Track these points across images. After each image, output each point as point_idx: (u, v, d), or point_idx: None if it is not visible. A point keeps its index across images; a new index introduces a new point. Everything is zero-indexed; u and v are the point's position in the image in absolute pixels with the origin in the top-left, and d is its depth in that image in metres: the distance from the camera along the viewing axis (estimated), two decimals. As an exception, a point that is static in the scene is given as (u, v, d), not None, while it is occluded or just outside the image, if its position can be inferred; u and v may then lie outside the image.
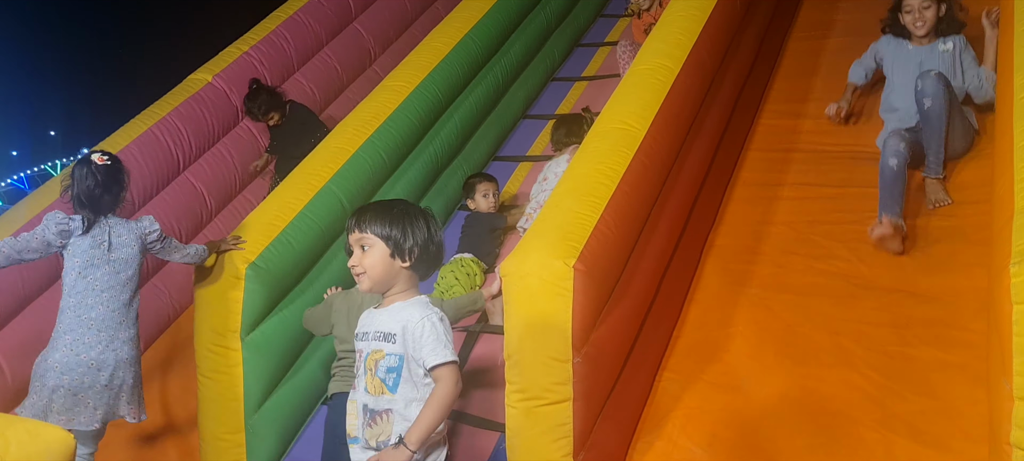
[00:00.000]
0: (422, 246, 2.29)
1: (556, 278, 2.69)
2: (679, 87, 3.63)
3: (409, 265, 2.29)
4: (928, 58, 3.91)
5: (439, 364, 2.23)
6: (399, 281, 2.31)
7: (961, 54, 3.89)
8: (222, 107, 4.88)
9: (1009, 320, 2.22)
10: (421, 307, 2.28)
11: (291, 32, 5.32)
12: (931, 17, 3.94)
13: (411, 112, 4.32)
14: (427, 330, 2.23)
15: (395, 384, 2.26)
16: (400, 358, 2.26)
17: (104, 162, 3.05)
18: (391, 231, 2.26)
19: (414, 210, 2.35)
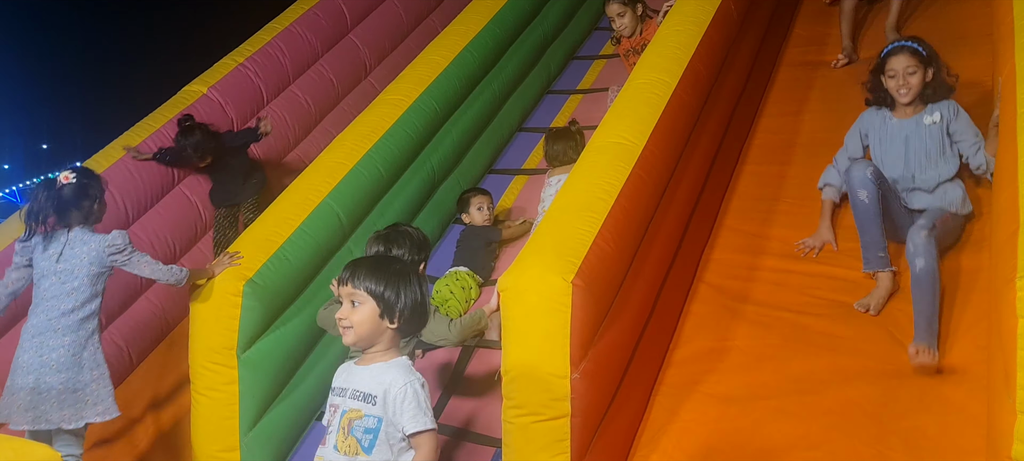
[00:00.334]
0: (412, 309, 2.28)
1: (554, 294, 2.68)
2: (676, 102, 3.64)
3: (396, 327, 2.28)
4: (914, 133, 3.50)
5: (420, 431, 2.22)
6: (383, 340, 2.30)
7: (950, 124, 3.48)
8: (217, 119, 4.84)
9: (1013, 334, 2.21)
10: (404, 372, 2.27)
11: (286, 44, 5.30)
12: (916, 83, 3.49)
13: (409, 126, 4.31)
14: (409, 396, 2.22)
15: (371, 446, 2.24)
16: (379, 420, 2.25)
17: (69, 180, 3.20)
18: (384, 291, 2.25)
19: (407, 270, 2.34)
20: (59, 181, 3.21)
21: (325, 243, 3.73)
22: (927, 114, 3.51)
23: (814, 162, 4.23)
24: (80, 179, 3.23)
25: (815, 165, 4.20)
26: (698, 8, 4.24)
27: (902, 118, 3.55)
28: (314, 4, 5.55)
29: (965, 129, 3.46)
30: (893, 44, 3.58)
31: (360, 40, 5.76)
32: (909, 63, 3.48)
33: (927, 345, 2.93)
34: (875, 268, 3.29)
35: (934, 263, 3.06)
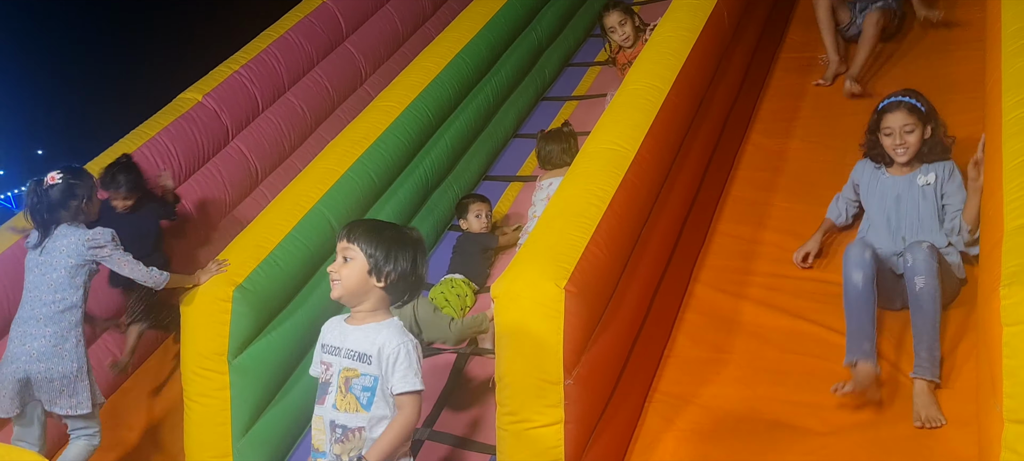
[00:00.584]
0: (401, 274, 2.34)
1: (547, 300, 2.68)
2: (669, 107, 3.65)
3: (383, 286, 2.34)
4: (906, 192, 3.31)
5: (406, 392, 2.31)
6: (370, 299, 2.36)
7: (944, 185, 3.28)
8: (212, 127, 4.85)
9: (999, 342, 2.22)
10: (397, 333, 2.35)
11: (282, 51, 5.31)
12: (914, 142, 3.30)
13: (401, 132, 4.32)
14: (402, 356, 2.31)
15: (369, 402, 2.34)
16: (375, 379, 2.33)
17: (55, 181, 3.30)
18: (375, 251, 2.33)
19: (406, 239, 2.40)
20: (46, 182, 3.31)
21: (316, 249, 3.73)
22: (921, 174, 3.31)
23: (808, 168, 4.26)
24: (67, 179, 3.32)
25: (809, 171, 4.23)
26: (691, 15, 4.27)
27: (895, 175, 3.38)
28: (310, 12, 5.56)
29: (955, 192, 3.25)
30: (889, 99, 3.38)
31: (356, 48, 5.77)
32: (907, 120, 3.28)
33: (929, 376, 2.79)
34: (857, 358, 2.89)
35: (935, 282, 2.88)
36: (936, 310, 2.86)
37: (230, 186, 4.90)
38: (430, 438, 3.37)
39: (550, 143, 4.34)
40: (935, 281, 2.88)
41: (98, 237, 3.27)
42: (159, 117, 4.75)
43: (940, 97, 4.40)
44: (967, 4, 5.00)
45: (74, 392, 3.23)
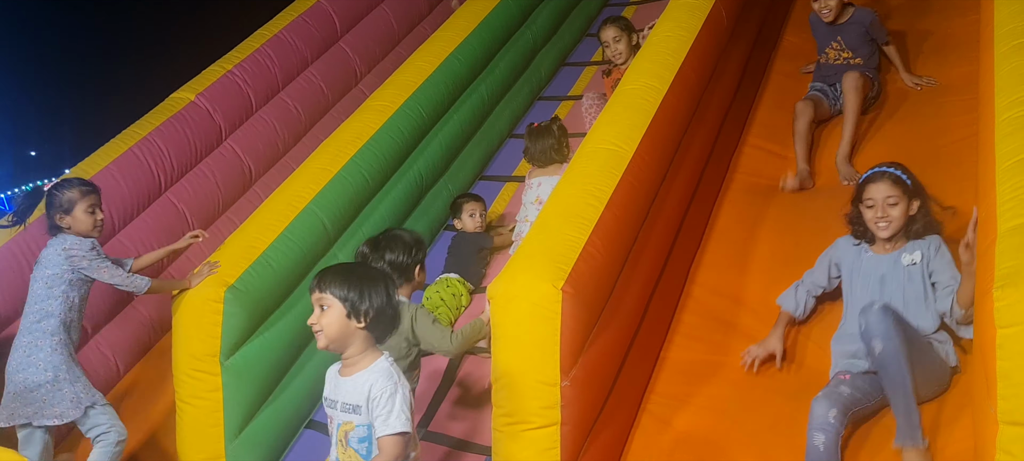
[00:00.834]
0: (379, 310, 2.35)
1: (544, 301, 2.68)
2: (667, 108, 3.64)
3: (364, 326, 2.35)
4: (891, 273, 3.02)
5: (387, 434, 2.29)
6: (355, 342, 2.36)
7: (930, 262, 2.98)
8: (205, 127, 4.83)
9: (993, 344, 2.22)
10: (384, 376, 2.33)
11: (276, 51, 5.28)
12: (898, 216, 3.01)
13: (394, 132, 4.30)
14: (385, 399, 2.29)
15: (368, 452, 2.35)
16: (368, 427, 2.35)
17: (48, 190, 3.39)
18: (348, 293, 2.34)
19: (375, 274, 2.44)
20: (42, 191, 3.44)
21: (309, 249, 3.72)
22: (906, 252, 3.02)
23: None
24: (50, 190, 3.39)
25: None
26: (689, 14, 4.26)
27: (879, 253, 3.08)
28: (304, 11, 5.54)
29: (943, 268, 2.96)
30: (872, 170, 3.14)
31: (350, 47, 5.75)
32: (890, 193, 3.02)
33: (911, 443, 2.60)
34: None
35: (896, 345, 2.66)
36: (902, 371, 2.65)
37: (223, 186, 4.87)
38: (425, 438, 3.36)
39: (538, 139, 4.28)
40: (896, 345, 2.67)
41: (75, 246, 3.28)
42: (151, 117, 4.72)
43: (935, 100, 4.44)
44: (961, 7, 5.01)
45: (54, 402, 3.21)
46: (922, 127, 4.28)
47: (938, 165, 3.99)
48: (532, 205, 4.10)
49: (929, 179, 3.89)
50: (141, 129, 4.62)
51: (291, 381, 3.58)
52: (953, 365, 2.92)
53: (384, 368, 2.34)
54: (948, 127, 4.21)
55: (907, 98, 4.58)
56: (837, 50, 4.59)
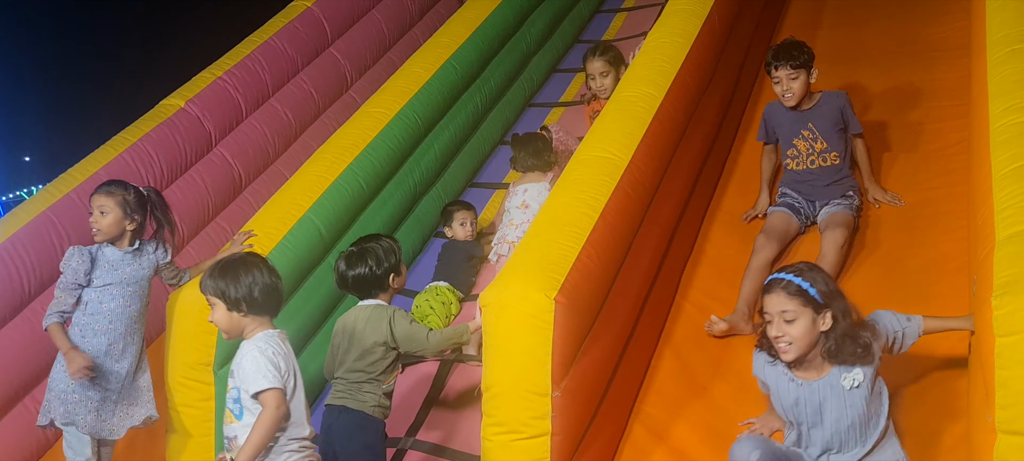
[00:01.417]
0: (248, 291, 2.56)
1: (537, 310, 2.66)
2: (663, 116, 3.62)
3: (245, 313, 2.58)
4: (829, 398, 2.51)
5: (260, 390, 2.50)
6: (247, 327, 2.61)
7: (875, 381, 2.54)
8: (195, 133, 4.80)
9: (991, 353, 2.21)
10: (251, 342, 2.57)
11: (266, 57, 5.26)
12: (800, 333, 2.48)
13: (391, 139, 4.28)
14: (249, 360, 2.52)
15: (240, 413, 2.57)
16: (238, 389, 2.57)
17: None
18: (218, 284, 2.58)
19: (244, 259, 2.65)
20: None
21: (305, 257, 3.69)
22: (845, 372, 2.51)
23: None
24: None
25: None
26: (684, 22, 4.24)
27: (806, 379, 2.55)
28: (294, 17, 5.52)
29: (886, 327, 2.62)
30: (770, 278, 2.60)
31: (341, 53, 5.73)
32: (785, 306, 2.49)
33: None
34: None
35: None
36: None
37: (213, 193, 4.85)
38: (413, 447, 3.34)
39: (523, 147, 4.29)
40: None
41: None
42: (141, 123, 4.69)
43: (925, 104, 4.44)
44: (952, 13, 5.02)
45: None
46: (910, 135, 4.27)
47: (928, 170, 4.00)
48: (517, 210, 4.09)
49: (919, 185, 3.92)
50: (131, 135, 4.59)
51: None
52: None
53: (260, 336, 2.56)
54: (938, 132, 4.22)
55: (895, 101, 4.56)
56: (809, 141, 3.76)
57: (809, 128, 3.77)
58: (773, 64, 3.77)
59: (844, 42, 5.26)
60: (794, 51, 3.73)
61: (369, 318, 3.00)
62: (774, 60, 3.77)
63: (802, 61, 3.71)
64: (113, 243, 3.29)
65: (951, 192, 3.76)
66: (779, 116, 3.85)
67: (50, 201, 4.12)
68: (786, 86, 3.73)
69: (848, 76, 4.88)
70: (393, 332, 2.96)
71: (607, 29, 6.40)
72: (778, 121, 3.86)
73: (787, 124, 3.81)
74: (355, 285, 3.07)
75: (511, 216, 4.10)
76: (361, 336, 2.98)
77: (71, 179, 4.29)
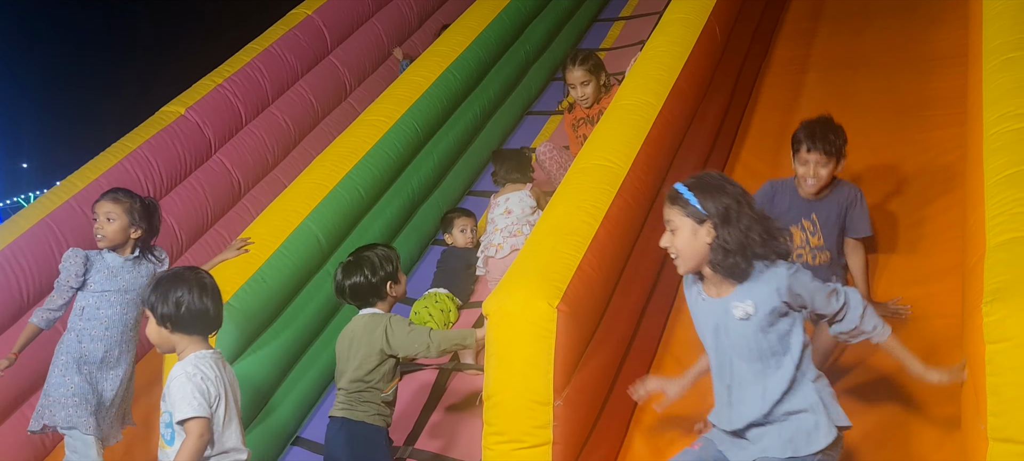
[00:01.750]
0: (174, 309, 2.46)
1: (539, 319, 2.66)
2: (662, 123, 3.62)
3: (171, 330, 2.48)
4: (723, 323, 2.36)
5: (185, 418, 2.41)
6: (177, 343, 2.51)
7: (777, 316, 2.30)
8: (195, 140, 4.82)
9: (982, 360, 2.22)
10: (181, 366, 2.47)
11: (266, 64, 5.28)
12: (684, 247, 2.34)
13: (390, 147, 4.29)
14: (175, 387, 2.43)
15: (171, 438, 2.49)
16: (169, 414, 2.48)
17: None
18: (150, 298, 2.49)
19: (179, 276, 2.53)
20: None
21: (304, 265, 3.70)
22: (736, 299, 2.32)
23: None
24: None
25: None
26: (683, 30, 4.25)
27: (711, 296, 2.39)
28: (294, 25, 5.54)
29: (817, 301, 2.35)
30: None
31: (340, 61, 5.75)
32: (669, 216, 2.37)
33: None
34: None
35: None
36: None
37: (212, 200, 4.87)
38: (412, 456, 3.34)
39: (503, 162, 4.33)
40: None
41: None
42: (141, 130, 4.71)
43: (923, 112, 4.45)
44: (950, 21, 5.04)
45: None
46: (907, 144, 4.29)
47: (926, 179, 4.01)
48: (501, 217, 4.12)
49: (916, 193, 3.93)
50: (131, 142, 4.61)
51: (283, 399, 3.55)
52: (823, 447, 2.30)
53: (191, 359, 2.47)
54: (936, 141, 4.23)
55: (892, 109, 4.58)
56: (807, 233, 3.33)
57: (812, 219, 3.32)
58: (806, 145, 3.23)
59: (841, 50, 5.28)
60: (831, 135, 3.23)
61: (366, 326, 3.01)
62: (808, 140, 3.23)
63: (838, 147, 3.24)
64: (115, 250, 3.32)
65: (949, 200, 3.77)
66: (782, 196, 3.35)
67: (49, 208, 4.15)
68: (814, 172, 3.23)
69: (845, 84, 4.90)
70: (388, 339, 2.95)
71: (605, 37, 6.42)
72: (779, 201, 3.33)
73: (791, 209, 3.31)
74: (352, 294, 3.07)
75: (495, 223, 4.13)
76: (358, 345, 2.99)
77: (71, 186, 4.31)
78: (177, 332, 2.48)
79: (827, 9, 5.87)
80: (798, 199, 3.32)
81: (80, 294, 3.31)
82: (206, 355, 2.50)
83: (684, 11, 4.42)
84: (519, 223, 4.05)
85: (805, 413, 2.31)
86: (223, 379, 2.51)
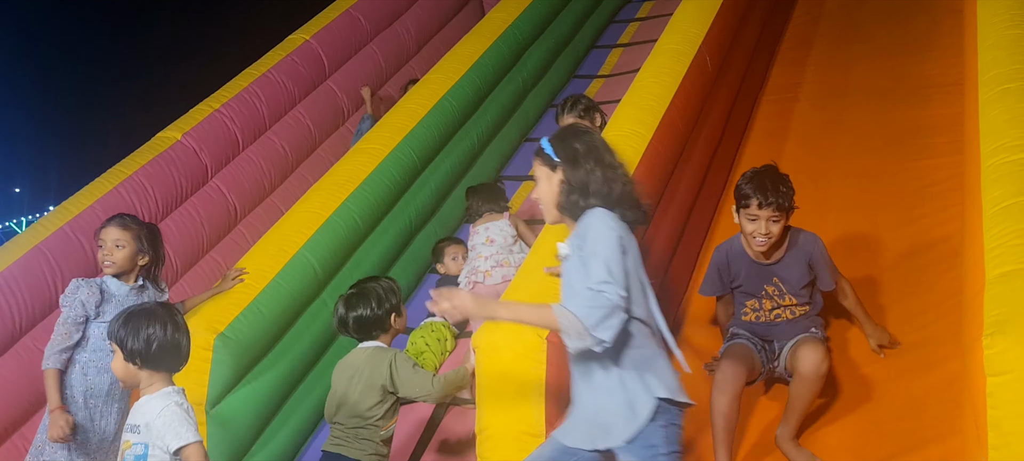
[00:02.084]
0: (145, 345, 2.41)
1: (529, 350, 2.65)
2: (652, 153, 3.64)
3: (140, 366, 2.44)
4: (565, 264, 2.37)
5: (183, 446, 2.38)
6: (143, 379, 2.46)
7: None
8: (191, 166, 4.80)
9: (983, 393, 2.20)
10: (161, 397, 2.44)
11: (264, 90, 5.27)
12: (541, 194, 2.44)
13: (387, 176, 4.29)
14: (167, 417, 2.39)
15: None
16: (145, 446, 2.43)
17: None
18: (119, 333, 2.44)
19: (150, 311, 2.48)
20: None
21: (300, 295, 3.68)
22: (564, 244, 2.38)
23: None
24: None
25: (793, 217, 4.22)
26: (673, 60, 4.28)
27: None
28: (292, 50, 5.55)
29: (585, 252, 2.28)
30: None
31: (338, 86, 5.75)
32: (531, 171, 2.47)
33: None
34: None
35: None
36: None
37: (208, 226, 4.83)
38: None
39: (475, 195, 4.33)
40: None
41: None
42: (137, 156, 4.69)
43: (916, 141, 4.46)
44: (945, 50, 5.07)
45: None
46: (904, 172, 4.29)
47: (923, 207, 4.01)
48: (483, 245, 4.12)
49: (913, 222, 3.93)
50: (127, 168, 4.59)
51: (278, 430, 3.52)
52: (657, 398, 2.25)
53: (166, 391, 2.44)
54: (931, 169, 4.24)
55: (886, 137, 4.59)
56: (774, 299, 3.11)
57: (775, 283, 3.09)
58: (757, 199, 2.96)
59: (836, 78, 5.30)
60: (782, 186, 2.98)
61: (369, 360, 2.96)
62: (758, 194, 2.96)
63: (789, 199, 2.98)
64: (119, 278, 3.25)
65: (946, 230, 3.77)
66: (737, 266, 3.11)
67: (43, 235, 4.11)
68: (765, 229, 2.97)
69: (841, 111, 4.92)
70: (394, 377, 2.91)
71: (602, 64, 6.45)
72: (736, 272, 3.12)
73: (749, 277, 3.10)
74: (356, 327, 3.01)
75: (478, 251, 4.13)
76: (360, 378, 2.93)
77: (65, 212, 4.28)
78: (147, 368, 2.44)
79: (821, 38, 5.91)
80: (753, 265, 3.08)
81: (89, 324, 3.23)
82: (178, 389, 2.49)
83: (675, 41, 4.45)
84: (503, 252, 4.07)
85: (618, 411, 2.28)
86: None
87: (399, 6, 6.27)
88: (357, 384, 2.93)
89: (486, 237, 4.15)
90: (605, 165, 2.37)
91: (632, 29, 6.87)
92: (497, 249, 4.08)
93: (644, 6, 7.31)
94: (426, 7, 6.49)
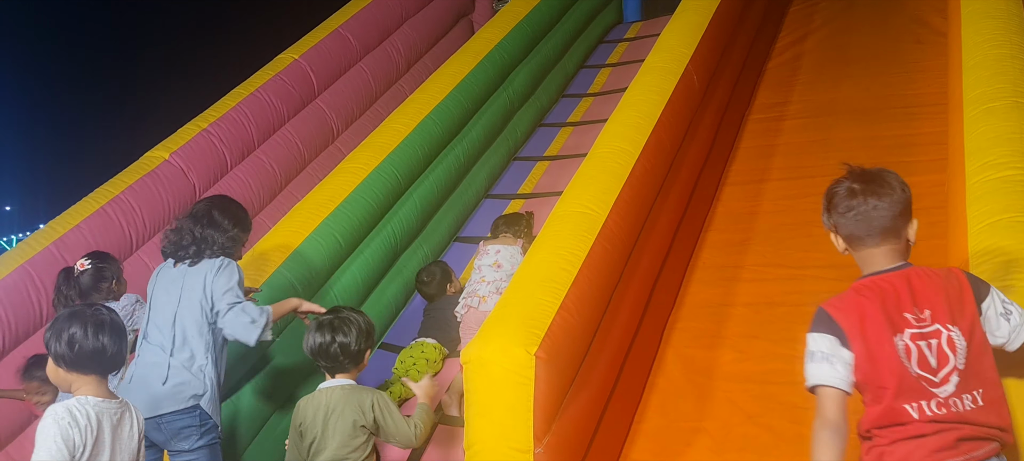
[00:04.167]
0: (67, 347, 2.31)
1: (517, 366, 2.64)
2: (639, 171, 3.65)
3: (66, 369, 2.33)
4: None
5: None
6: (72, 382, 2.35)
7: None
8: (178, 185, 4.79)
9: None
10: (53, 407, 2.29)
11: (252, 109, 5.27)
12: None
13: (368, 195, 4.26)
14: (40, 428, 2.25)
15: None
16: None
17: (85, 268, 3.49)
18: (46, 336, 2.35)
19: (76, 313, 2.37)
20: (75, 270, 3.48)
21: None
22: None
23: (777, 230, 4.28)
24: (95, 264, 3.49)
25: (778, 233, 4.25)
26: (660, 78, 4.31)
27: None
28: (281, 70, 5.55)
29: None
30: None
31: (327, 105, 5.75)
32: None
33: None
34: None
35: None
36: None
37: (196, 245, 4.80)
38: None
39: (504, 220, 4.36)
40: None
41: (124, 304, 3.48)
42: (124, 175, 4.68)
43: (901, 158, 4.48)
44: (930, 70, 5.12)
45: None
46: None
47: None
48: (489, 268, 4.07)
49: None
50: (114, 188, 4.57)
51: (263, 447, 3.48)
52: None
53: (69, 402, 2.30)
54: (916, 186, 4.25)
55: (873, 155, 4.61)
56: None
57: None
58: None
59: (823, 96, 5.34)
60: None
61: (346, 399, 2.83)
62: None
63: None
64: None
65: (930, 246, 3.78)
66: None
67: (29, 254, 4.10)
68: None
69: (827, 129, 4.95)
70: (379, 421, 2.83)
71: (592, 83, 6.48)
72: None
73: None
74: (339, 354, 2.86)
75: (482, 273, 4.06)
76: (337, 419, 2.81)
77: (52, 231, 4.26)
78: (72, 371, 2.32)
79: (808, 57, 5.96)
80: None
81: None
82: (91, 401, 2.31)
83: (663, 60, 4.48)
84: (506, 280, 3.99)
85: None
86: (102, 431, 2.29)
87: (388, 26, 6.28)
88: (334, 424, 2.81)
89: (495, 260, 4.09)
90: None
91: (621, 49, 6.91)
92: (503, 275, 3.98)
93: (633, 26, 7.37)
94: (415, 26, 6.52)
